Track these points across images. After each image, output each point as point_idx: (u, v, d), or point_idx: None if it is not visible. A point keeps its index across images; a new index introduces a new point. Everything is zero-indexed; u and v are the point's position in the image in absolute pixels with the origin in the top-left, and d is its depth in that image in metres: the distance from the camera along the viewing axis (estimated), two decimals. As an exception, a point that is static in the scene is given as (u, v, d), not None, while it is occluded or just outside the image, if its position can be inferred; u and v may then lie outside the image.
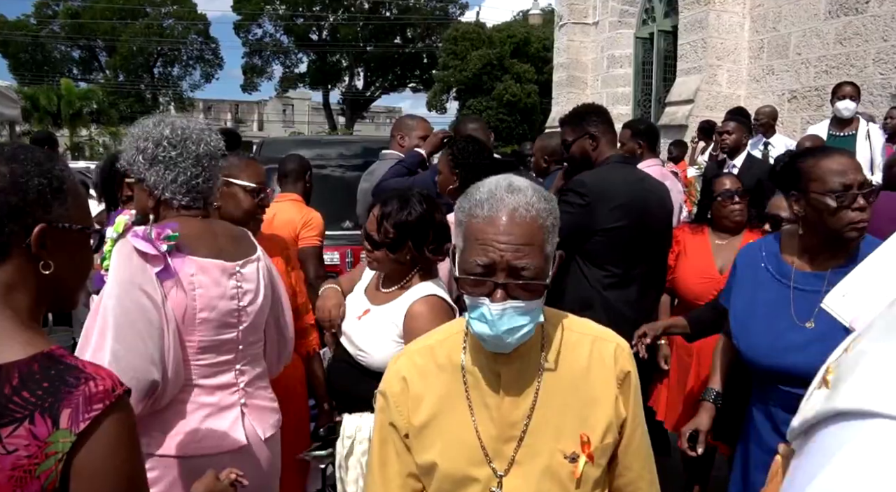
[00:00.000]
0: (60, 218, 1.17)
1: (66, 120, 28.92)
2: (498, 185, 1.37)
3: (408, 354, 1.56)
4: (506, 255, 1.31)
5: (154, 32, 45.78)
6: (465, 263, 1.36)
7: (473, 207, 1.36)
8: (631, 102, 12.49)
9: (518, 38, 30.17)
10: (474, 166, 3.11)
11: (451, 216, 3.39)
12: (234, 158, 2.48)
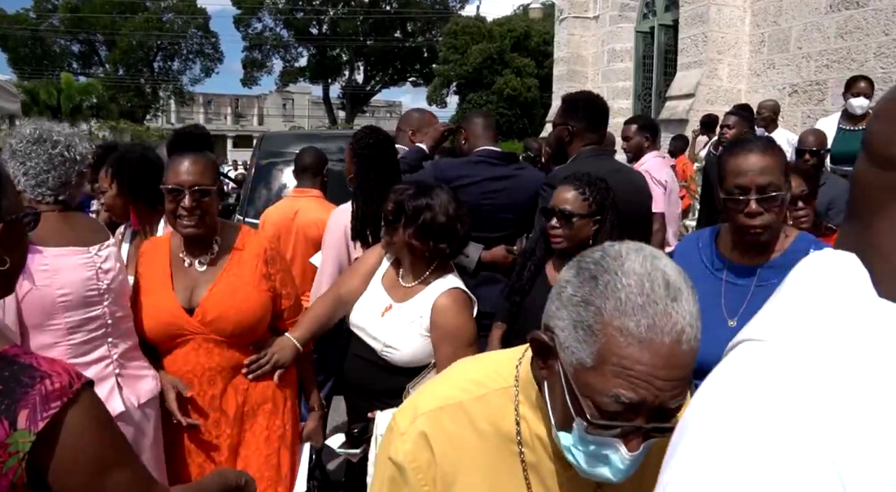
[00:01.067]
0: (9, 211, 1.16)
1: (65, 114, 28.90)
2: (653, 281, 0.96)
3: (432, 414, 1.17)
4: (663, 395, 0.96)
5: (154, 26, 45.68)
6: (591, 388, 0.98)
7: (620, 315, 0.95)
8: (631, 97, 12.47)
9: (518, 32, 30.11)
10: (371, 157, 3.23)
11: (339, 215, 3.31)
12: (170, 160, 2.38)
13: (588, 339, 0.98)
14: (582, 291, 0.99)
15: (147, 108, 46.81)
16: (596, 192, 2.55)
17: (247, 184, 6.05)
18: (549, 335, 1.05)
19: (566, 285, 1.02)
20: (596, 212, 2.54)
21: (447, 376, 1.27)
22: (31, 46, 45.64)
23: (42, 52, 46.39)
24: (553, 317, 1.04)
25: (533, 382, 1.14)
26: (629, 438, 0.98)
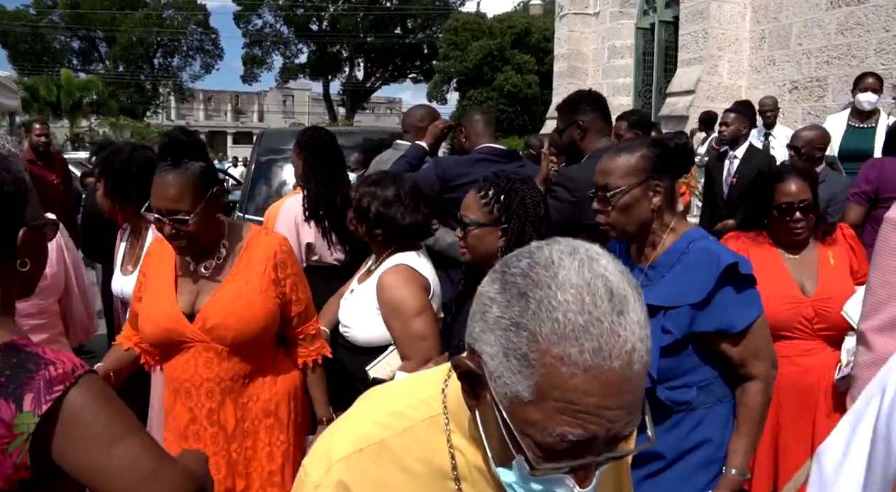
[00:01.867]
0: (32, 218, 1.25)
1: (65, 111, 28.89)
2: (594, 293, 0.82)
3: (350, 459, 1.00)
4: (616, 426, 0.83)
5: (154, 23, 45.66)
6: (531, 425, 0.84)
7: (560, 340, 0.80)
8: (632, 93, 12.46)
9: (519, 28, 30.07)
10: (317, 147, 3.73)
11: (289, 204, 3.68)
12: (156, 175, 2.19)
13: (524, 370, 0.82)
14: (510, 313, 0.83)
15: (147, 105, 46.80)
16: (500, 195, 2.17)
17: (247, 180, 6.05)
18: (476, 361, 0.89)
19: (490, 304, 0.86)
20: (501, 219, 2.16)
21: (361, 411, 1.07)
22: (31, 43, 45.62)
23: (42, 48, 46.37)
24: (478, 340, 0.88)
25: (465, 407, 0.98)
26: (579, 473, 0.85)
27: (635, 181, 1.98)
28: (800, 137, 4.64)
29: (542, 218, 2.20)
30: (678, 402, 1.96)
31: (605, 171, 2.04)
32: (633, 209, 2.00)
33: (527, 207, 2.16)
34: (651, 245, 2.04)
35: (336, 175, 3.77)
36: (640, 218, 2.00)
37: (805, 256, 2.76)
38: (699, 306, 1.90)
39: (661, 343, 1.91)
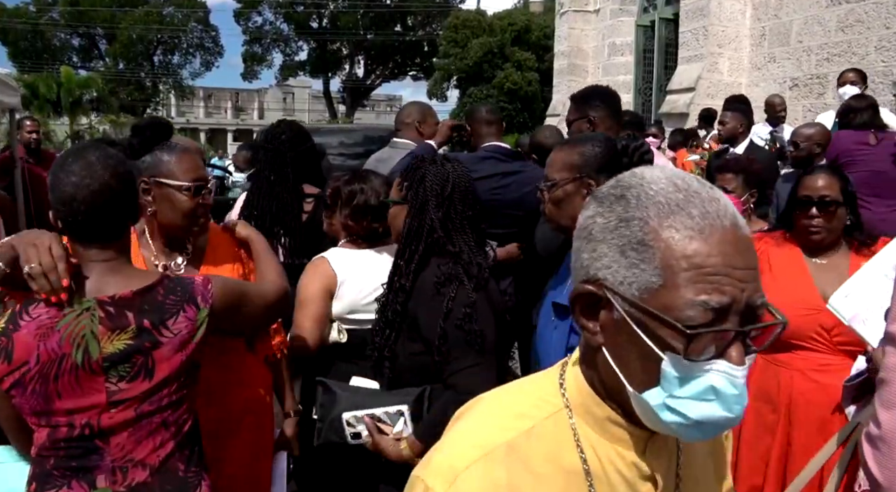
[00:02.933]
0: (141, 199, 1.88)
1: (66, 108, 28.85)
2: (682, 177, 0.88)
3: (477, 467, 0.92)
4: (748, 287, 0.83)
5: (154, 20, 45.56)
6: (670, 309, 0.82)
7: (668, 214, 0.84)
8: (632, 91, 12.46)
9: (519, 25, 30.03)
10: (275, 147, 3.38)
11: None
12: (163, 153, 2.10)
13: (644, 255, 0.84)
14: (614, 214, 0.87)
15: (147, 102, 46.73)
16: (407, 174, 2.21)
17: (247, 178, 6.05)
18: (593, 286, 0.89)
19: (592, 222, 0.90)
20: (407, 197, 2.19)
21: (475, 418, 1.01)
22: (31, 40, 45.53)
23: (42, 45, 46.30)
24: (590, 264, 0.89)
25: (589, 393, 0.95)
26: (730, 353, 0.83)
27: (568, 176, 1.99)
28: (799, 133, 4.66)
29: (448, 196, 2.11)
30: None
31: (549, 161, 2.08)
32: (564, 204, 2.00)
33: (426, 184, 2.13)
34: None
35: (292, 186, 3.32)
36: (572, 213, 1.94)
37: (833, 261, 2.53)
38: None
39: (570, 342, 1.91)
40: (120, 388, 1.55)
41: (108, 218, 1.61)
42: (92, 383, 1.54)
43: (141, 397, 1.57)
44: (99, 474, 1.56)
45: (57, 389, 1.52)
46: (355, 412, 2.10)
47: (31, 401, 1.53)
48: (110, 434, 1.56)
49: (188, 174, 2.09)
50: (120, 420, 1.56)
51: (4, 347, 1.52)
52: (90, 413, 1.54)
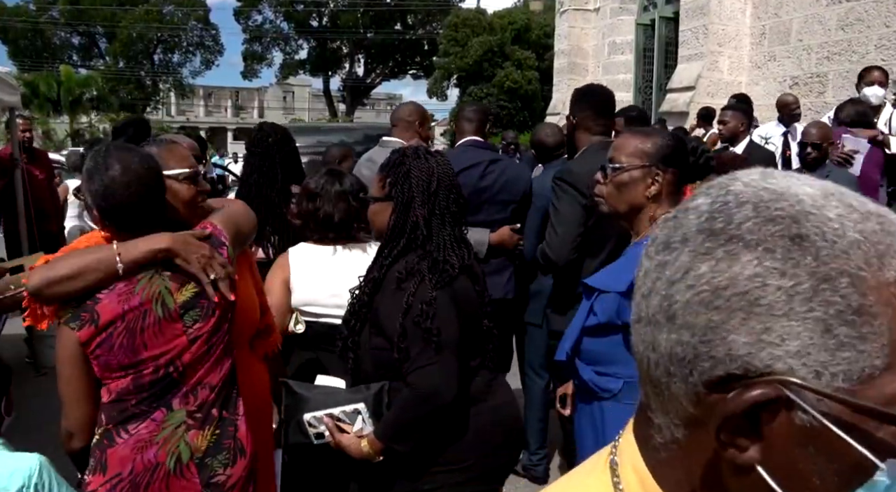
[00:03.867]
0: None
1: (66, 107, 28.87)
2: (831, 188, 0.60)
3: None
4: None
5: (154, 19, 45.55)
6: (892, 396, 0.56)
7: (880, 258, 0.57)
8: (632, 89, 12.46)
9: (519, 24, 30.03)
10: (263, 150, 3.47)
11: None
12: (152, 148, 2.10)
13: (864, 329, 0.56)
14: (804, 271, 0.56)
15: (147, 101, 46.74)
16: (390, 169, 2.15)
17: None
18: (764, 386, 0.57)
19: (759, 285, 0.57)
20: (390, 194, 2.13)
21: None
22: (30, 38, 45.53)
23: (42, 44, 46.30)
24: (754, 352, 0.57)
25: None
26: None
27: (638, 163, 2.00)
28: (808, 133, 4.63)
29: (434, 191, 2.07)
30: (602, 388, 1.97)
31: (618, 146, 2.09)
32: (627, 189, 2.02)
33: (411, 181, 2.08)
34: (636, 232, 2.06)
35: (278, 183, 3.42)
36: (632, 200, 2.02)
37: None
38: (626, 296, 1.86)
39: (586, 322, 1.96)
40: (194, 328, 1.86)
41: (148, 208, 1.87)
42: (172, 330, 1.83)
43: (209, 333, 1.88)
44: (174, 399, 1.85)
45: (143, 341, 1.80)
46: (315, 413, 2.13)
47: (118, 356, 1.79)
48: (188, 368, 1.85)
49: (182, 164, 2.10)
50: (198, 354, 1.86)
51: (91, 313, 1.78)
52: (174, 355, 1.83)
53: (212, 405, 1.90)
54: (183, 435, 1.85)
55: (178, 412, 1.86)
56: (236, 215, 2.15)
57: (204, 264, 1.87)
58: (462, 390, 1.99)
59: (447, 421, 2.00)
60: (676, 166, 2.01)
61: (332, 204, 2.74)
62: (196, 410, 1.87)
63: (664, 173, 1.99)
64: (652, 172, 1.99)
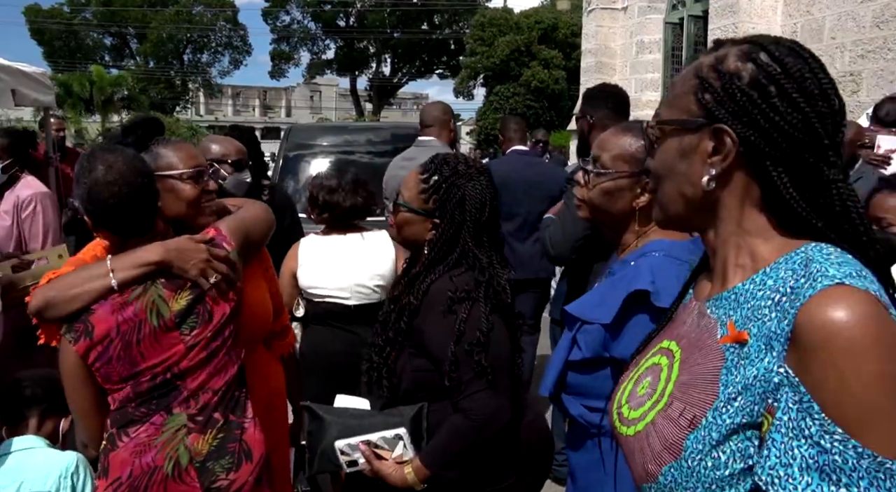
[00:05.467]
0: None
1: (98, 106, 29.31)
2: None
3: None
4: None
5: (183, 19, 46.10)
6: None
7: None
8: (660, 89, 12.35)
9: (546, 23, 29.92)
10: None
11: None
12: (158, 148, 2.09)
13: None
14: None
15: (177, 101, 47.31)
16: (441, 185, 1.94)
17: (274, 176, 6.10)
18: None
19: None
20: (434, 213, 1.95)
21: None
22: (65, 40, 46.33)
23: (76, 45, 47.08)
24: None
25: None
26: None
27: (626, 170, 1.74)
28: None
29: (486, 221, 1.93)
30: (593, 424, 1.73)
31: (602, 144, 1.81)
32: (612, 197, 1.76)
33: (465, 208, 1.91)
34: (620, 246, 1.81)
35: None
36: (617, 209, 1.76)
37: None
38: (611, 329, 1.64)
39: (570, 356, 1.72)
40: (192, 336, 1.81)
41: (137, 209, 1.80)
42: (169, 339, 1.79)
43: (208, 338, 1.83)
44: (175, 404, 1.81)
45: (140, 351, 1.77)
46: (349, 440, 1.92)
47: (117, 368, 1.76)
48: (189, 374, 1.81)
49: (186, 163, 2.06)
50: (197, 360, 1.81)
51: (86, 325, 1.75)
52: (171, 364, 1.79)
53: (214, 409, 1.85)
54: (183, 439, 1.81)
55: (179, 416, 1.81)
56: (248, 219, 2.09)
57: (202, 269, 1.83)
58: (513, 412, 1.89)
59: (497, 445, 1.88)
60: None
61: (351, 195, 3.17)
62: (197, 413, 1.83)
63: None
64: (641, 181, 1.71)
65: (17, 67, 5.81)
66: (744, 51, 0.98)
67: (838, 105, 0.95)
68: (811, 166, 0.93)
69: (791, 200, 0.94)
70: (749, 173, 0.96)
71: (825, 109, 0.93)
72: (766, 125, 0.93)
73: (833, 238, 0.93)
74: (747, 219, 0.99)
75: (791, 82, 0.94)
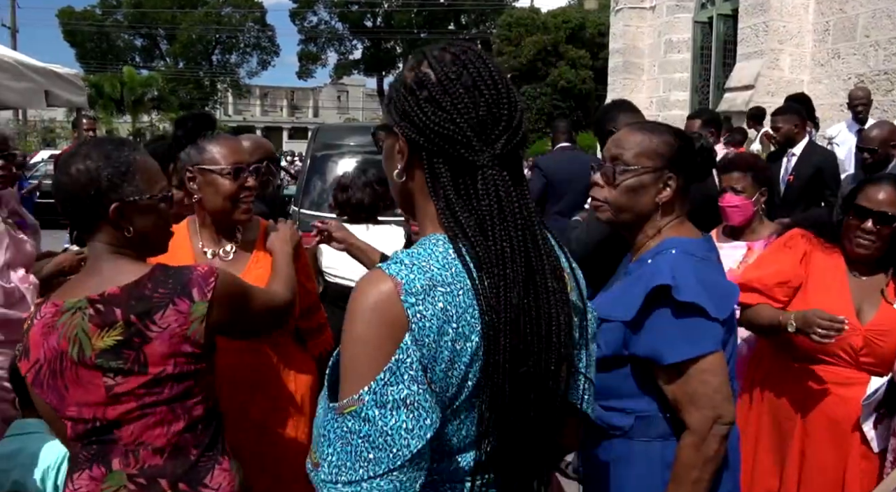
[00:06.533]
0: (131, 194, 1.60)
1: (128, 106, 29.69)
2: None
3: None
4: None
5: (212, 21, 46.60)
6: None
7: None
8: (689, 88, 12.23)
9: (573, 23, 29.77)
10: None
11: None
12: (203, 142, 2.16)
13: None
14: None
15: (206, 101, 47.77)
16: None
17: (302, 175, 6.14)
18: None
19: None
20: None
21: None
22: (96, 41, 47.07)
23: (107, 46, 47.80)
24: None
25: None
26: None
27: (650, 166, 1.73)
28: (867, 135, 4.42)
29: None
30: (612, 425, 1.71)
31: (620, 142, 1.79)
32: (637, 195, 1.75)
33: None
34: (637, 245, 1.81)
35: None
36: (641, 207, 1.76)
37: (875, 281, 2.42)
38: (632, 326, 1.65)
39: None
40: (117, 382, 1.54)
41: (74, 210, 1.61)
42: (91, 379, 1.54)
43: (139, 392, 1.55)
44: (114, 457, 1.58)
45: (64, 383, 1.55)
46: None
47: (48, 395, 1.57)
48: (119, 425, 1.57)
49: (227, 159, 2.13)
50: (123, 412, 1.56)
51: (25, 344, 1.58)
52: (95, 408, 1.56)
53: (160, 473, 1.58)
54: None
55: (118, 474, 1.57)
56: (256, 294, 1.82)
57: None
58: None
59: None
60: (685, 169, 1.76)
61: (360, 191, 3.48)
62: (137, 474, 1.58)
63: (676, 177, 1.73)
64: (664, 175, 1.72)
65: (51, 69, 5.91)
66: (416, 59, 1.13)
67: (492, 99, 1.06)
68: (460, 158, 1.05)
69: (441, 189, 1.07)
70: (422, 166, 1.09)
71: (470, 106, 1.05)
72: (419, 123, 1.06)
73: (469, 228, 1.05)
74: (428, 207, 1.11)
75: (437, 86, 1.06)
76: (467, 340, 1.01)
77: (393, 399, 0.97)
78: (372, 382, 0.97)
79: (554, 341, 1.07)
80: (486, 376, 1.02)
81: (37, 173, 12.74)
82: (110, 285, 1.56)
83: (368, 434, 0.97)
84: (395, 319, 0.99)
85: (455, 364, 1.01)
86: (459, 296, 1.02)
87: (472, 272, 1.02)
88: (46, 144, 23.55)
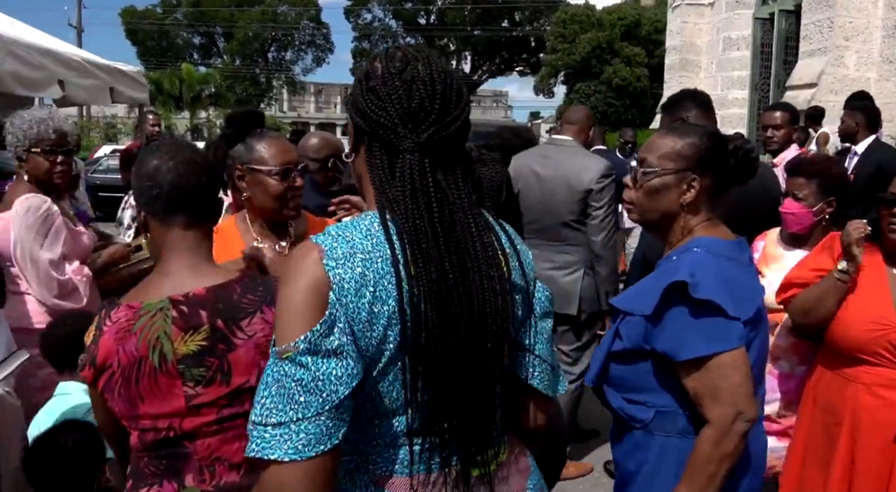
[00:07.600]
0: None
1: (187, 103, 30.37)
2: None
3: None
4: None
5: (269, 19, 47.38)
6: None
7: None
8: (748, 86, 11.96)
9: (629, 20, 29.38)
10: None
11: None
12: (253, 141, 2.17)
13: None
14: None
15: (261, 97, 48.58)
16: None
17: (354, 171, 6.20)
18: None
19: None
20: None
21: None
22: (157, 39, 48.31)
23: (167, 44, 49.02)
24: None
25: None
26: None
27: (672, 167, 1.77)
28: None
29: (503, 204, 2.09)
30: (633, 417, 1.77)
31: (649, 146, 1.84)
32: (659, 196, 1.79)
33: (482, 191, 2.02)
34: (669, 243, 1.84)
35: None
36: (664, 208, 1.79)
37: None
38: (652, 320, 1.68)
39: (612, 347, 1.77)
40: (197, 392, 1.46)
41: (193, 191, 1.54)
42: (170, 387, 1.46)
43: (220, 403, 1.47)
44: (187, 473, 1.49)
45: (139, 392, 1.46)
46: None
47: (119, 405, 1.48)
48: (195, 437, 1.48)
49: (276, 159, 2.14)
50: (200, 424, 1.47)
51: (92, 352, 1.48)
52: (171, 418, 1.47)
53: (237, 490, 1.48)
54: None
55: (191, 490, 1.49)
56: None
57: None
58: None
59: None
60: (714, 170, 1.77)
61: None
62: (213, 491, 1.49)
63: (701, 178, 1.75)
64: (688, 177, 1.75)
65: (116, 67, 6.08)
66: (374, 54, 1.24)
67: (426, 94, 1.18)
68: (389, 142, 1.18)
69: (376, 169, 1.19)
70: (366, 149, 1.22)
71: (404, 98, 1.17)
72: (361, 109, 1.19)
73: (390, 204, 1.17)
74: (370, 185, 1.22)
75: (380, 79, 1.18)
76: (384, 304, 1.12)
77: (325, 348, 1.08)
78: (308, 331, 1.08)
79: (489, 313, 1.17)
80: (411, 338, 1.12)
81: (99, 167, 13.13)
82: (195, 286, 1.49)
83: (302, 378, 1.07)
84: (319, 280, 1.11)
85: (374, 325, 1.11)
86: (378, 263, 1.13)
87: (393, 243, 1.13)
88: (108, 140, 24.23)
